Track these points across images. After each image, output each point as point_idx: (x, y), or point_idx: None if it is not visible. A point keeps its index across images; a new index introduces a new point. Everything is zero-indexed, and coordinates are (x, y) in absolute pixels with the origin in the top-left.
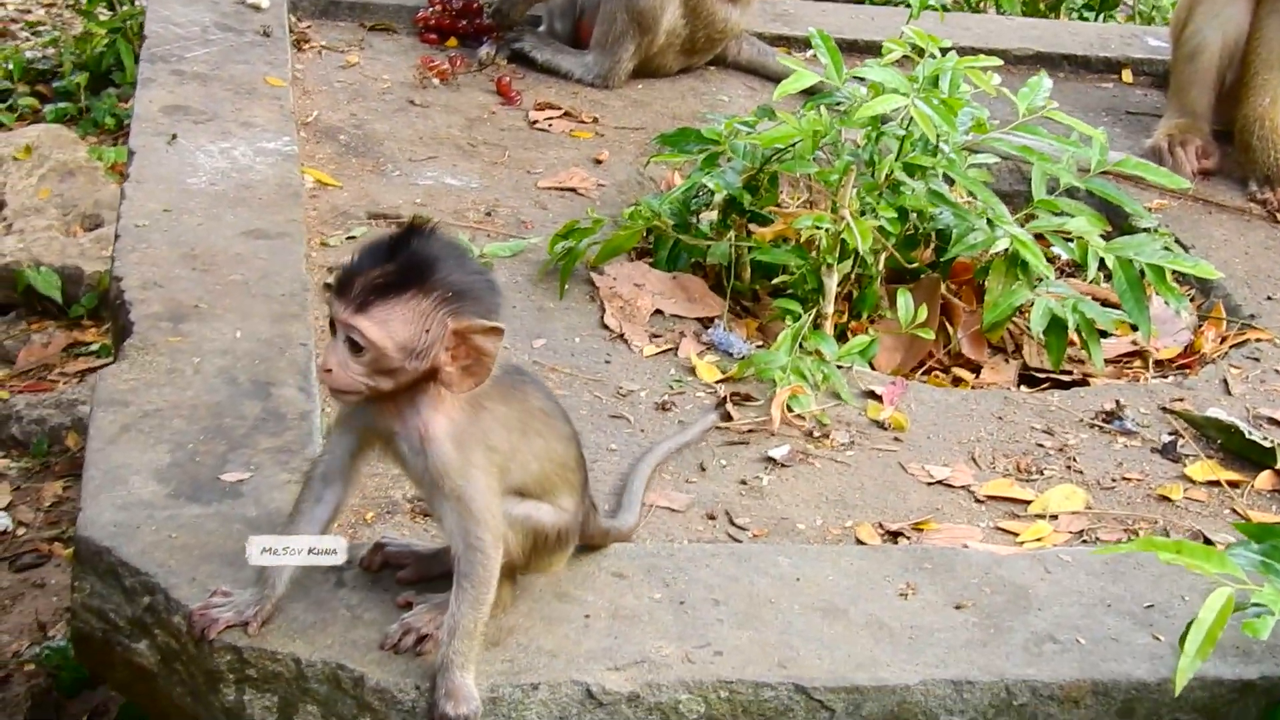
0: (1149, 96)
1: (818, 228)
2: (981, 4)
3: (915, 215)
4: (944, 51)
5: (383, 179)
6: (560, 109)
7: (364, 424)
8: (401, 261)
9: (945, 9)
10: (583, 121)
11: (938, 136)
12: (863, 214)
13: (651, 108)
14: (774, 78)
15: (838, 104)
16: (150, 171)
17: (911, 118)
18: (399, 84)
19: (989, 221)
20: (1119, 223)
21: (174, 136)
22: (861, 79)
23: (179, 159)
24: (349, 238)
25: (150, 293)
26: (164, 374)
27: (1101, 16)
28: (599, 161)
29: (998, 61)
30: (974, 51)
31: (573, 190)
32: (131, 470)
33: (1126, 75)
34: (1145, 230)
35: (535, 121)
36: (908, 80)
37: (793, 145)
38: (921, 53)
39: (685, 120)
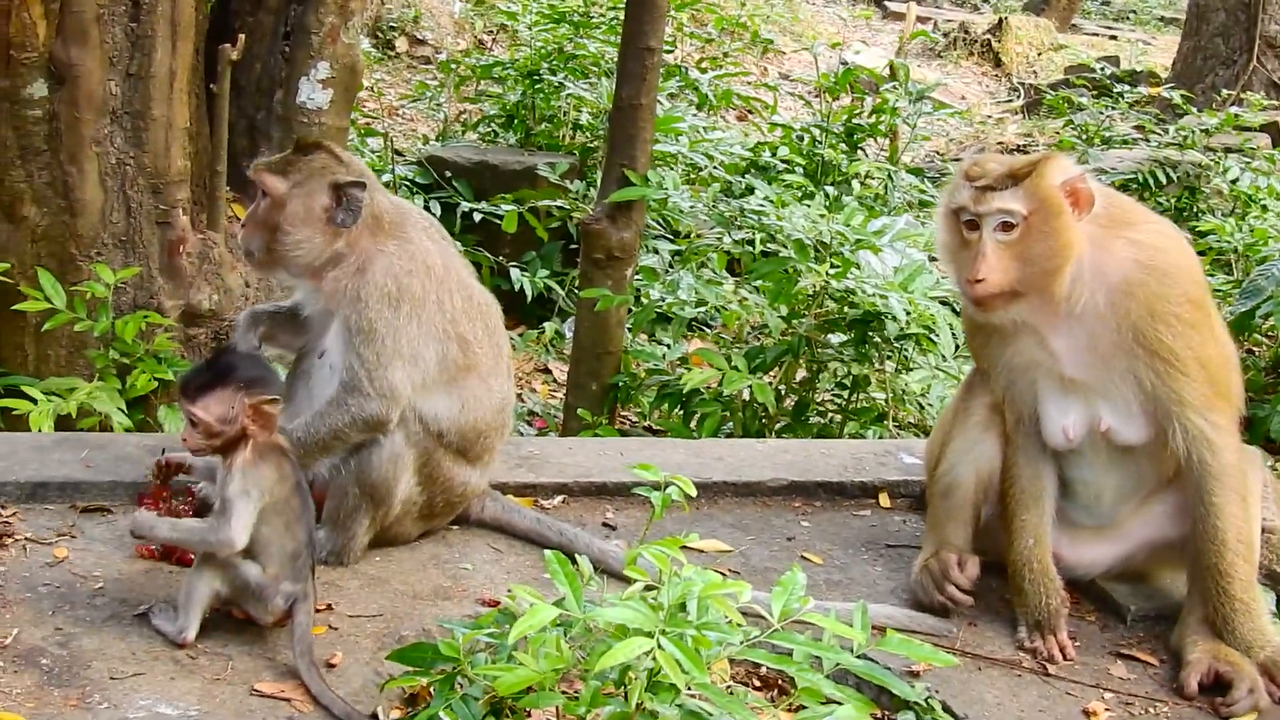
0: (908, 524)
1: None
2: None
3: None
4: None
5: (88, 713)
6: None
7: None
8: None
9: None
10: (316, 611)
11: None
12: None
13: (390, 585)
14: (519, 535)
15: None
16: None
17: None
18: (112, 580)
19: None
20: (890, 695)
21: None
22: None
23: None
24: None
25: None
26: None
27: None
28: (331, 665)
29: (746, 586)
30: (726, 487)
31: (291, 703)
32: None
33: (884, 499)
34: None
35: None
36: (651, 611)
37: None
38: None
39: (426, 599)
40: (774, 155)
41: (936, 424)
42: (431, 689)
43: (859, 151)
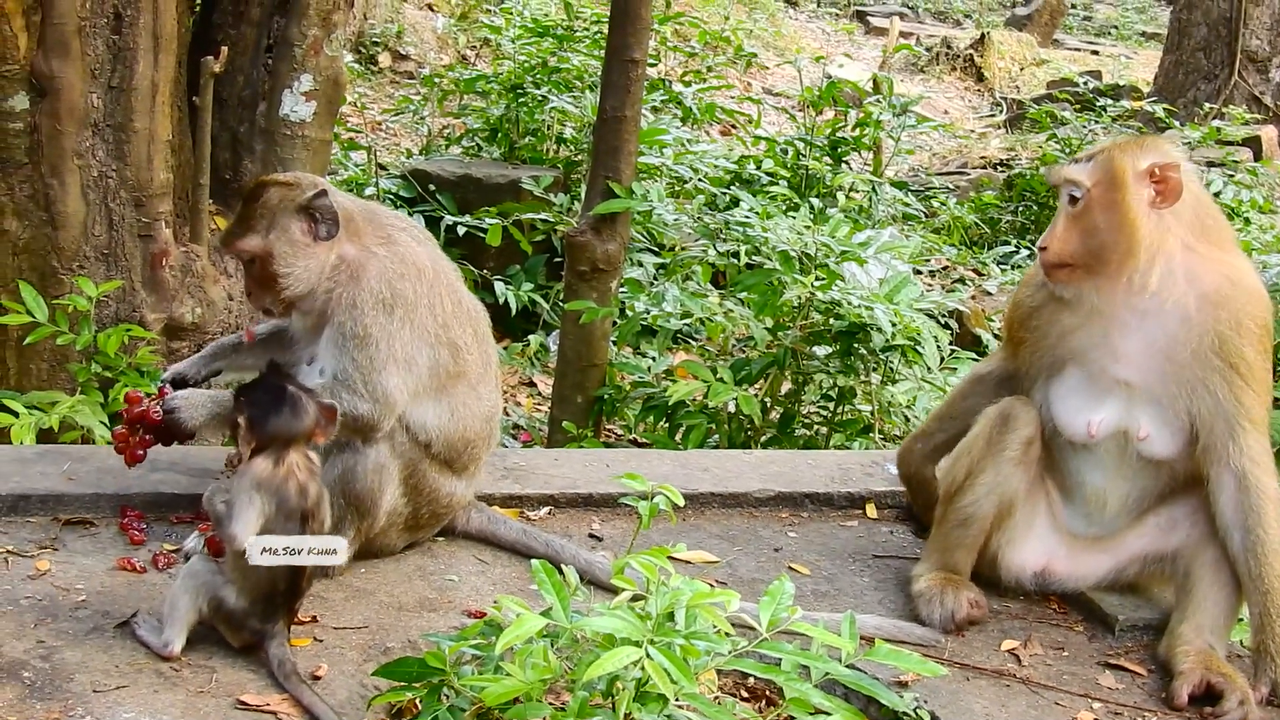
0: (895, 534)
1: None
2: None
3: None
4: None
5: None
6: None
7: None
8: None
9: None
10: (300, 623)
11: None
12: None
13: (375, 597)
14: (505, 546)
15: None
16: None
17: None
18: (95, 593)
19: None
20: (878, 706)
21: None
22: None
23: None
24: None
25: None
26: None
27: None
28: (317, 678)
29: (735, 595)
30: (713, 498)
31: (277, 716)
32: None
33: (871, 510)
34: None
35: None
36: (639, 621)
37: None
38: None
39: (412, 610)
40: (758, 168)
41: (961, 448)
42: (418, 701)
43: (843, 164)
